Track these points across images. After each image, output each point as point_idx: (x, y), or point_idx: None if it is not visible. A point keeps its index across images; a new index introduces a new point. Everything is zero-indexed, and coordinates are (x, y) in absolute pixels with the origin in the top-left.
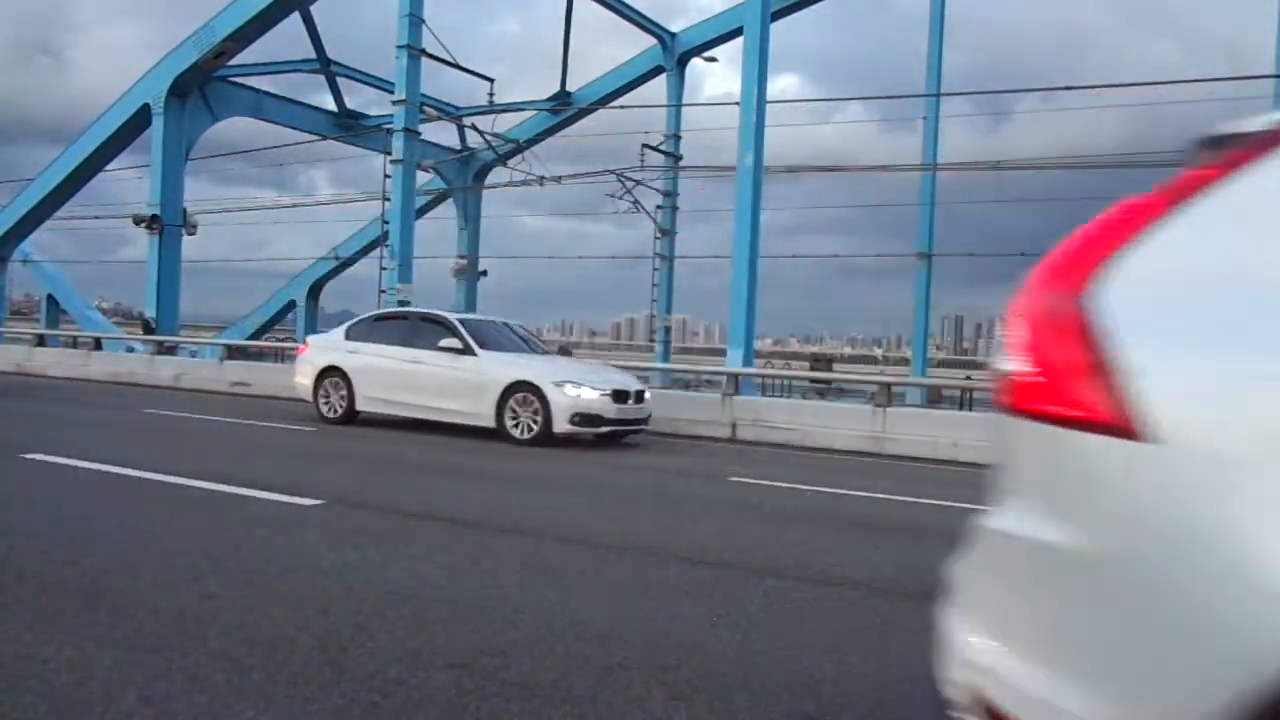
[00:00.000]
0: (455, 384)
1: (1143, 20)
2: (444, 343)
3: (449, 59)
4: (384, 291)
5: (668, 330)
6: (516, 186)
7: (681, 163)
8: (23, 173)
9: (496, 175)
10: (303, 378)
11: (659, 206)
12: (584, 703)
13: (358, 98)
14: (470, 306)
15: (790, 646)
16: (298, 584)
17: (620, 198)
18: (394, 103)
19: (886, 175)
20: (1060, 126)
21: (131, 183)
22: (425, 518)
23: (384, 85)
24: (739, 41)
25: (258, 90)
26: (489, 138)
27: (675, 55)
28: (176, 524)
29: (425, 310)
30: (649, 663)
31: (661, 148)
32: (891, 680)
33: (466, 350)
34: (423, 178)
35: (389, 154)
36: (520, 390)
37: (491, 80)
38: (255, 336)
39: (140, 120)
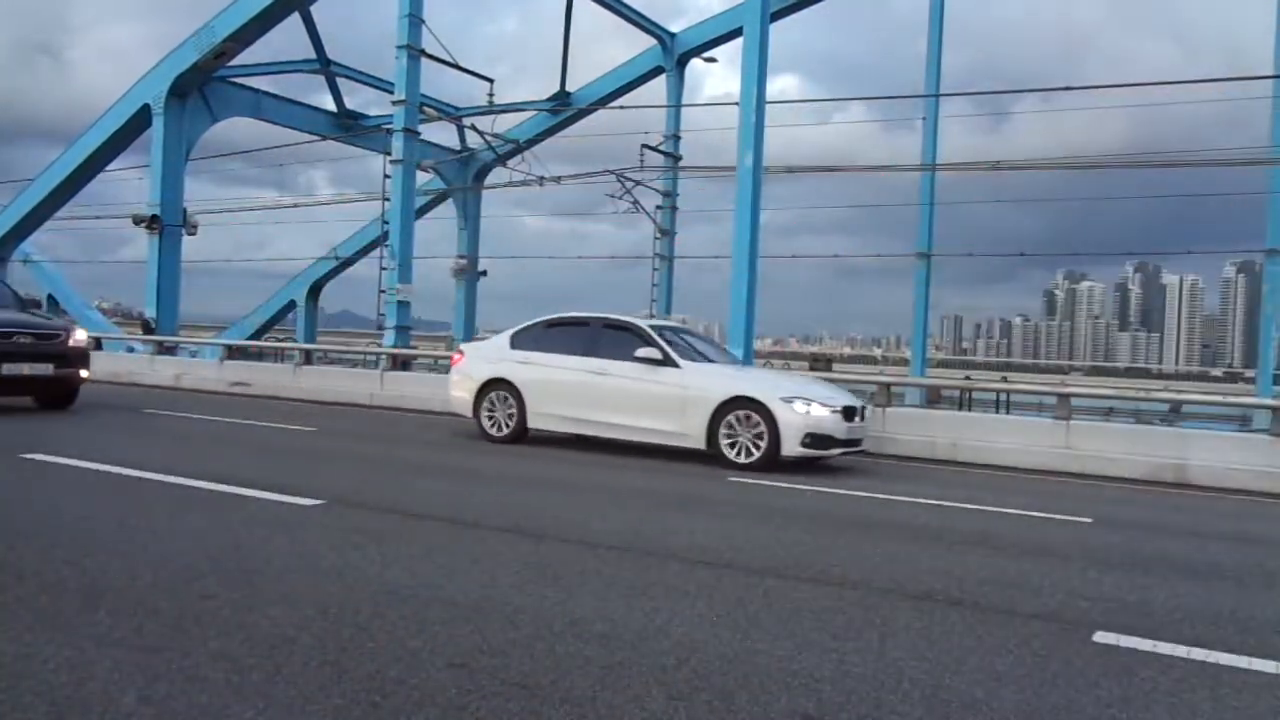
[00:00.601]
0: (654, 399)
1: (1142, 20)
2: (641, 353)
3: (449, 59)
4: (384, 292)
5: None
6: (516, 187)
7: (681, 163)
8: (23, 173)
9: (496, 175)
10: (461, 391)
11: (659, 206)
12: (584, 702)
13: (358, 98)
14: (470, 306)
15: (790, 646)
16: (298, 584)
17: (620, 198)
18: (394, 103)
19: (886, 175)
20: (1060, 127)
21: (132, 183)
22: (425, 518)
23: (384, 85)
24: (739, 42)
25: (258, 90)
26: (489, 138)
27: (675, 56)
28: (176, 524)
29: (608, 316)
30: (649, 662)
31: (661, 148)
32: (891, 680)
33: (667, 361)
34: (423, 178)
35: (389, 154)
36: (739, 407)
37: (491, 81)
38: (255, 336)
39: (140, 120)
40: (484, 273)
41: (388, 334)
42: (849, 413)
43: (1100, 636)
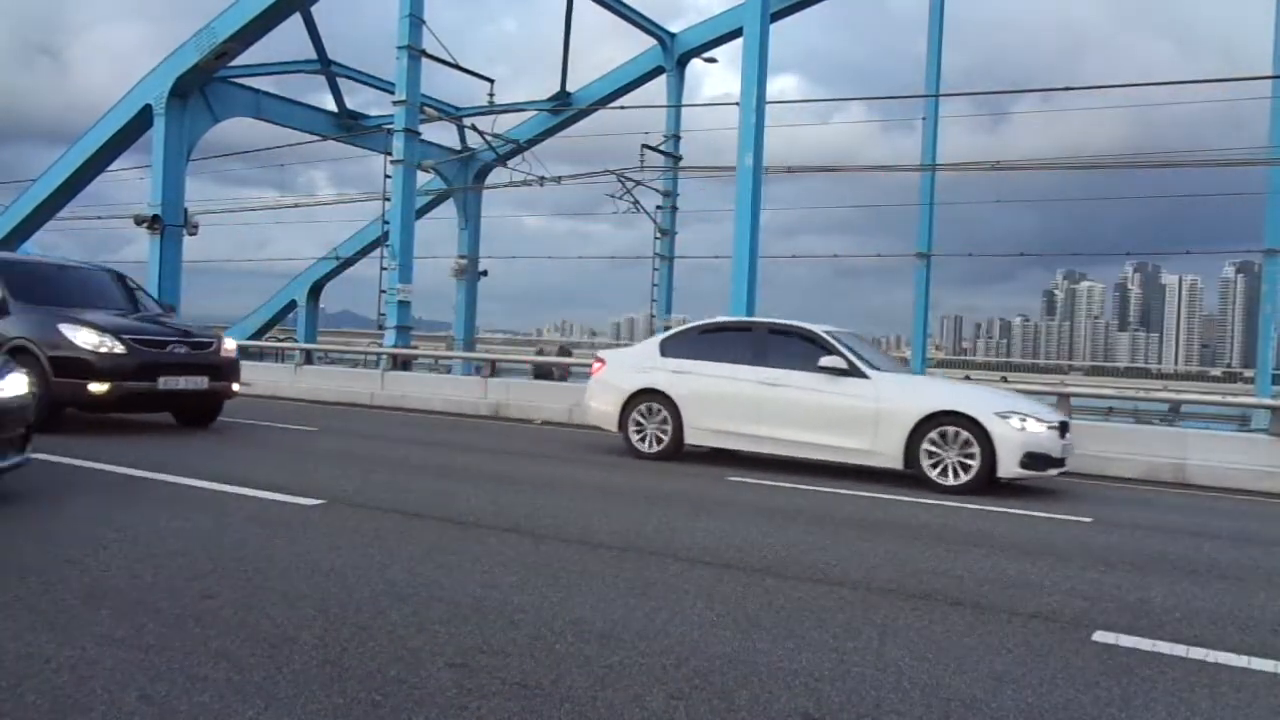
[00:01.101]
0: (838, 413)
1: (1141, 20)
2: (824, 362)
3: (449, 60)
4: (384, 292)
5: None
6: (516, 187)
7: (681, 163)
8: (22, 173)
9: (496, 175)
10: (603, 404)
11: (659, 206)
12: (584, 702)
13: (358, 98)
14: (470, 306)
15: (790, 646)
16: (298, 584)
17: (620, 198)
18: (394, 103)
19: (886, 175)
20: (1059, 127)
21: (133, 183)
22: (425, 517)
23: (384, 86)
24: (739, 42)
25: (258, 91)
26: (489, 138)
27: (675, 56)
28: (177, 523)
29: (773, 320)
30: (649, 662)
31: (661, 148)
32: (890, 680)
33: (852, 371)
34: (423, 178)
35: (389, 154)
36: (944, 423)
37: (491, 81)
38: (256, 336)
39: (142, 121)
40: (484, 273)
41: (388, 334)
42: (1063, 428)
43: (1100, 636)
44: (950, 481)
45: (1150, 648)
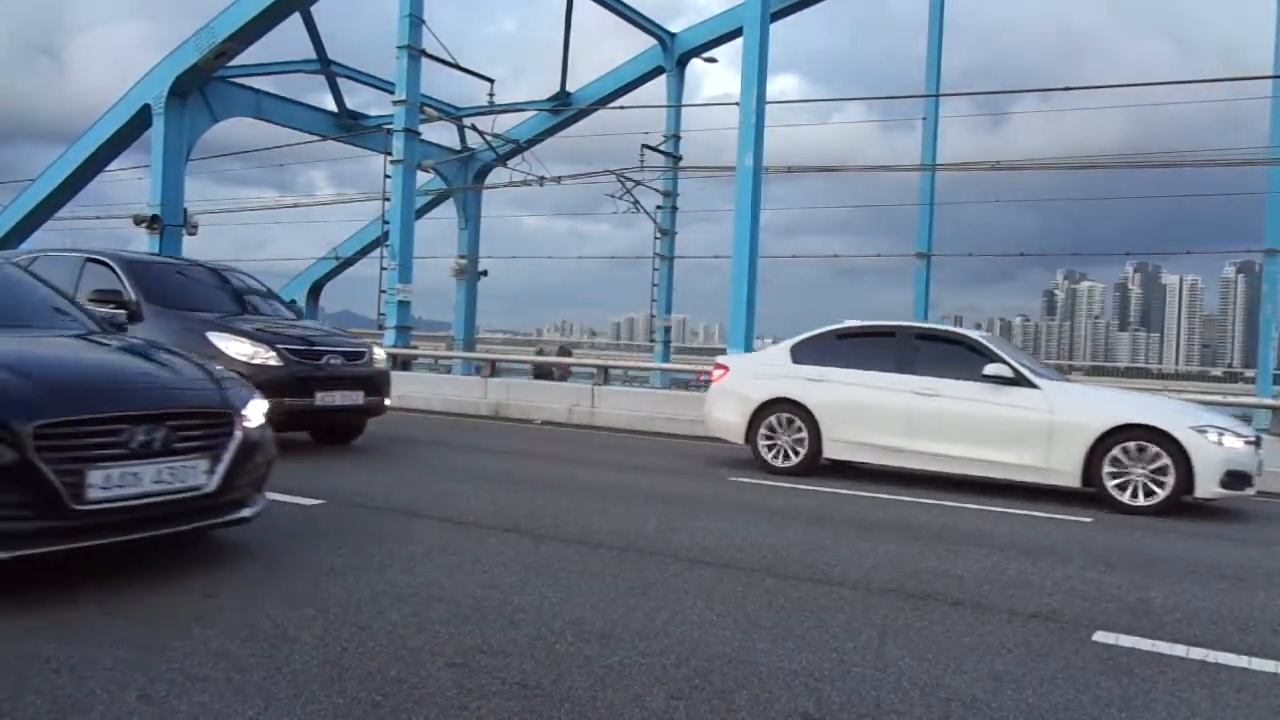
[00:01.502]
0: (1005, 426)
1: (1141, 20)
2: (989, 370)
3: (449, 59)
4: (384, 292)
5: (668, 330)
6: (516, 187)
7: (681, 163)
8: (22, 173)
9: (496, 175)
10: (727, 414)
11: (659, 206)
12: (584, 702)
13: (358, 98)
14: (470, 306)
15: (790, 646)
16: (298, 584)
17: (620, 198)
18: (394, 103)
19: (886, 175)
20: (1059, 127)
21: (132, 183)
22: (426, 517)
23: (384, 86)
24: (739, 42)
25: (258, 90)
26: (489, 138)
27: (675, 56)
28: None
29: (920, 325)
30: (649, 662)
31: (661, 148)
32: (890, 680)
33: (1020, 380)
34: (423, 178)
35: (389, 154)
36: (1129, 437)
37: (491, 81)
38: None
39: (141, 121)
40: (484, 273)
41: (388, 334)
42: (1257, 442)
43: (1100, 636)
44: (1141, 502)
45: (1150, 648)
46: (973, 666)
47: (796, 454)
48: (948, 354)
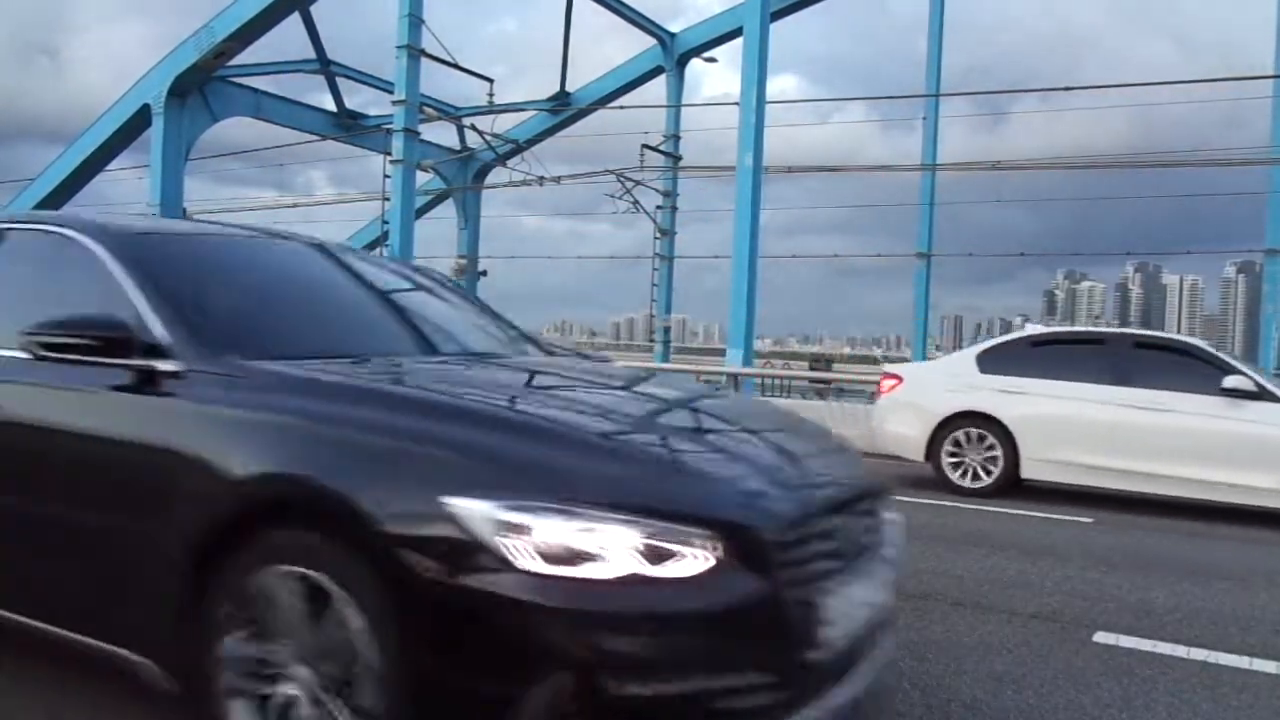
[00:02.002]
0: (1254, 446)
1: (1140, 20)
2: (1230, 383)
3: (449, 59)
4: None
5: (667, 330)
6: (516, 186)
7: (681, 163)
8: (21, 173)
9: (496, 175)
10: (905, 428)
11: (659, 206)
12: None
13: (358, 98)
14: None
15: None
16: None
17: (620, 198)
18: (394, 103)
19: (886, 175)
20: (1059, 127)
21: (132, 183)
22: None
23: (384, 85)
24: (739, 42)
25: (258, 90)
26: (489, 138)
27: (675, 56)
28: None
29: (1140, 332)
30: None
31: (661, 148)
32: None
33: (1263, 394)
34: (423, 178)
35: (389, 154)
36: None
37: (491, 80)
38: None
39: (140, 120)
40: (484, 273)
41: None
42: None
43: (1100, 636)
44: None
45: (1151, 648)
46: (973, 667)
47: (989, 473)
48: (1172, 364)
